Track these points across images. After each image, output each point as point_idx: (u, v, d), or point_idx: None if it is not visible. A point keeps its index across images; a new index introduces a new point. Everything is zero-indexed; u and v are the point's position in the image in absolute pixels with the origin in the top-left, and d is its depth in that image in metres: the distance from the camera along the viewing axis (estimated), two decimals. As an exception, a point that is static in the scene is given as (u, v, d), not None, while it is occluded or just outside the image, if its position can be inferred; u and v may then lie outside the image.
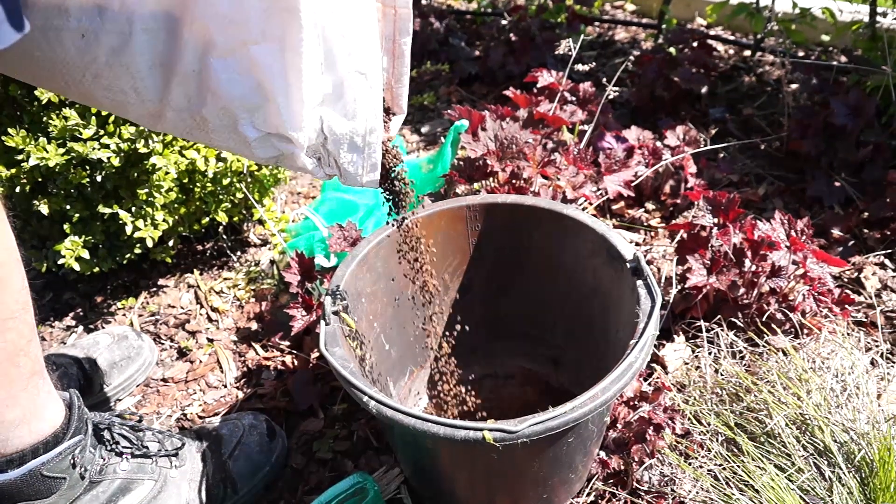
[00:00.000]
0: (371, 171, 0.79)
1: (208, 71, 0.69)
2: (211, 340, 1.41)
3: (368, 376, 1.01)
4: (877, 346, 1.19)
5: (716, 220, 1.27)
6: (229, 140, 0.74)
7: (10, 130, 1.21)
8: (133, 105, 0.71)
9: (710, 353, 1.19)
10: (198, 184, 1.40)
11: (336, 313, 0.92)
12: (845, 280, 1.40)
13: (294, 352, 1.34)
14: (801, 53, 2.25)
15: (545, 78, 1.70)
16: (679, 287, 1.30)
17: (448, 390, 1.11)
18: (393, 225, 0.97)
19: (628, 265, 0.94)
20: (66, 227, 1.32)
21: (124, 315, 1.49)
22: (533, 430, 0.75)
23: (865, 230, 1.51)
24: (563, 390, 1.19)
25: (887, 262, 1.43)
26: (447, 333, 1.17)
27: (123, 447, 0.96)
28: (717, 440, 1.03)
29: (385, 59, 0.82)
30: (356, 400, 0.82)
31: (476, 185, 1.37)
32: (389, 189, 0.89)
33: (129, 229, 1.30)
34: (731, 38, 2.38)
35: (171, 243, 1.48)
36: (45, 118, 1.23)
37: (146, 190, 1.31)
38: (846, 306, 1.22)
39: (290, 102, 0.70)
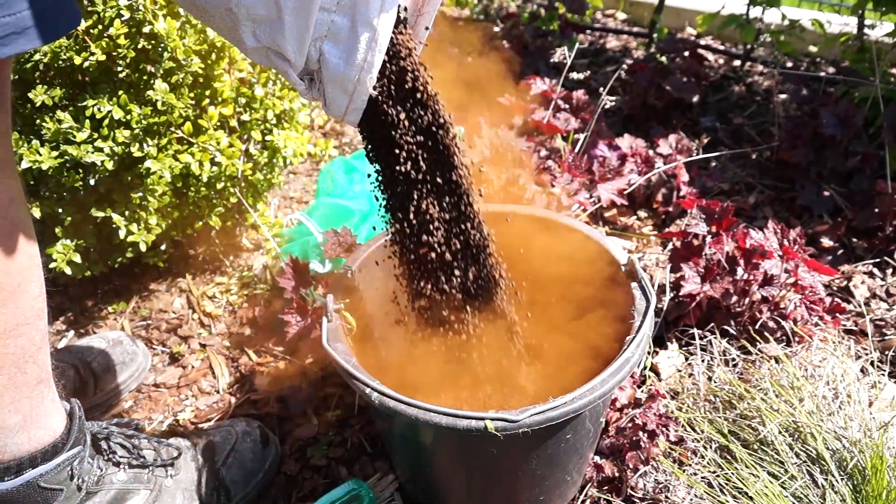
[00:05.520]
0: (353, 113, 0.79)
1: None
2: (203, 346, 1.40)
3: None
4: (867, 355, 1.20)
5: (709, 229, 1.28)
6: (227, 35, 0.73)
7: (2, 133, 1.20)
8: None
9: (703, 361, 1.20)
10: (192, 188, 1.39)
11: (338, 311, 0.93)
12: (835, 289, 1.42)
13: (288, 357, 1.33)
14: (789, 64, 2.27)
15: (538, 86, 1.71)
16: (672, 295, 1.31)
17: (441, 388, 1.11)
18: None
19: (623, 268, 0.97)
20: (57, 230, 1.30)
21: (115, 319, 1.48)
22: (534, 420, 0.76)
23: (854, 239, 1.53)
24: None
25: (875, 271, 1.44)
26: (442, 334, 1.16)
27: (121, 457, 0.95)
28: (710, 447, 1.04)
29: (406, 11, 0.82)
30: (359, 392, 0.83)
31: (471, 192, 1.37)
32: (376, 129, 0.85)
33: (122, 233, 1.29)
34: (722, 47, 2.41)
35: (163, 247, 1.47)
36: (38, 121, 1.22)
37: (140, 194, 1.30)
38: (837, 315, 1.24)
39: (296, 26, 0.70)
